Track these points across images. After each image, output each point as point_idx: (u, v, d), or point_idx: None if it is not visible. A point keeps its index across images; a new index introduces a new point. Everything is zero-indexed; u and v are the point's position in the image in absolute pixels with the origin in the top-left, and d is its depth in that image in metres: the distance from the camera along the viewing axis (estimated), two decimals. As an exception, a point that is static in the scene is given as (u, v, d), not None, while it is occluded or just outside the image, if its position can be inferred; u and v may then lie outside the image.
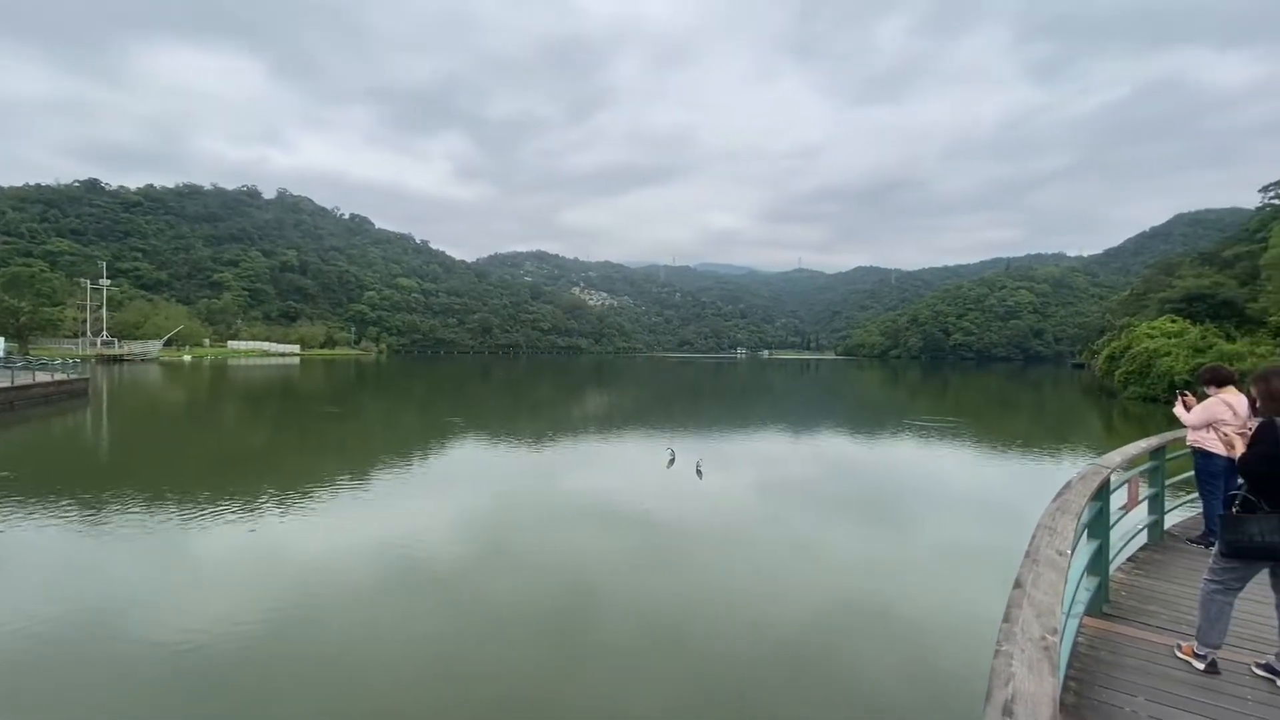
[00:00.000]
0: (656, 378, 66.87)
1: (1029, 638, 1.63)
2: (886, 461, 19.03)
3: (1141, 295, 66.98)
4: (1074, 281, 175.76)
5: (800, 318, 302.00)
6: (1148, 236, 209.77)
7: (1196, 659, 3.35)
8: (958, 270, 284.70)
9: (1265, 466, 3.09)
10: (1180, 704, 3.03)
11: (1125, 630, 3.82)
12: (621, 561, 9.00)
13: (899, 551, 9.94)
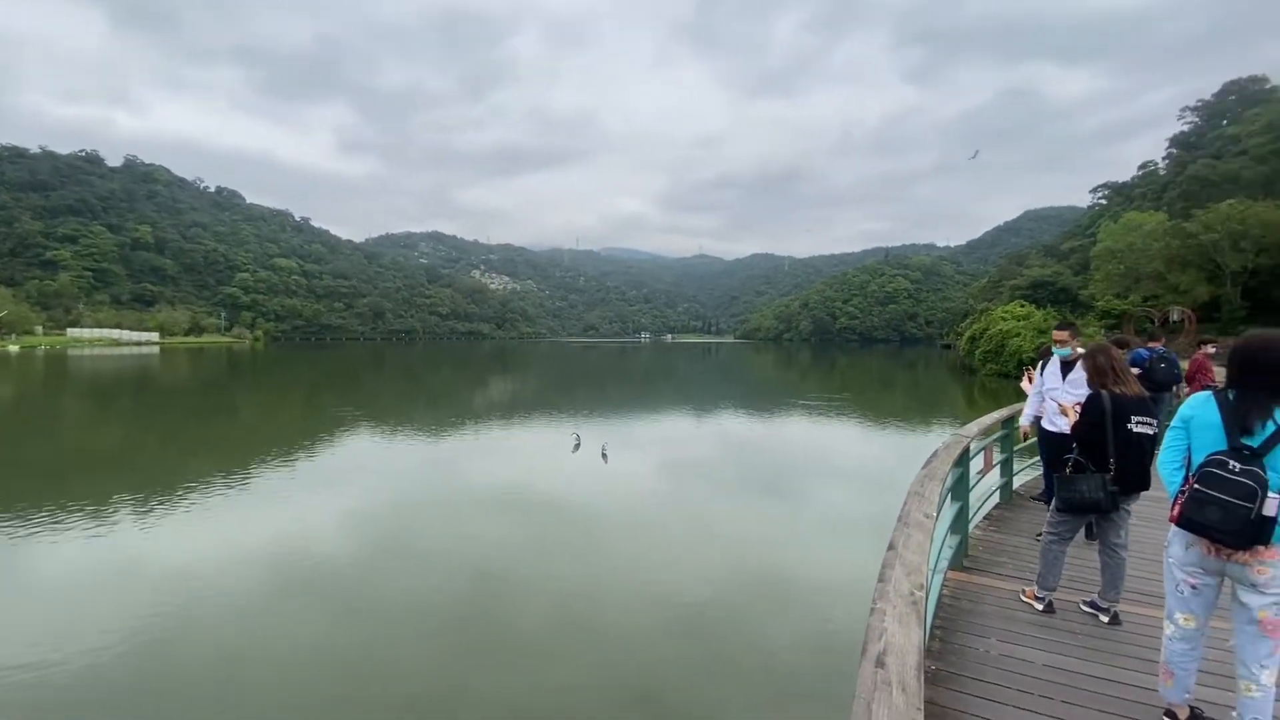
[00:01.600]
0: (561, 363, 66.36)
1: (900, 594, 1.78)
2: (781, 438, 20.10)
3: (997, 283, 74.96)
4: (943, 270, 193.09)
5: (701, 303, 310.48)
6: (1002, 230, 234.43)
7: (1037, 601, 3.83)
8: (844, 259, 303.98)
9: (1092, 433, 3.56)
10: (1024, 641, 3.46)
11: (981, 580, 4.30)
12: (528, 549, 8.91)
13: (794, 522, 10.57)
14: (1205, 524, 2.40)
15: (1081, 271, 63.27)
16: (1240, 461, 2.35)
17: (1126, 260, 51.99)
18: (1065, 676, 3.10)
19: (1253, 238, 44.29)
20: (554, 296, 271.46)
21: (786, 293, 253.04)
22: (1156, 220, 53.80)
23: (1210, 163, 64.28)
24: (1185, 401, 2.68)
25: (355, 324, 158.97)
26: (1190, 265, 46.63)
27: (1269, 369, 2.39)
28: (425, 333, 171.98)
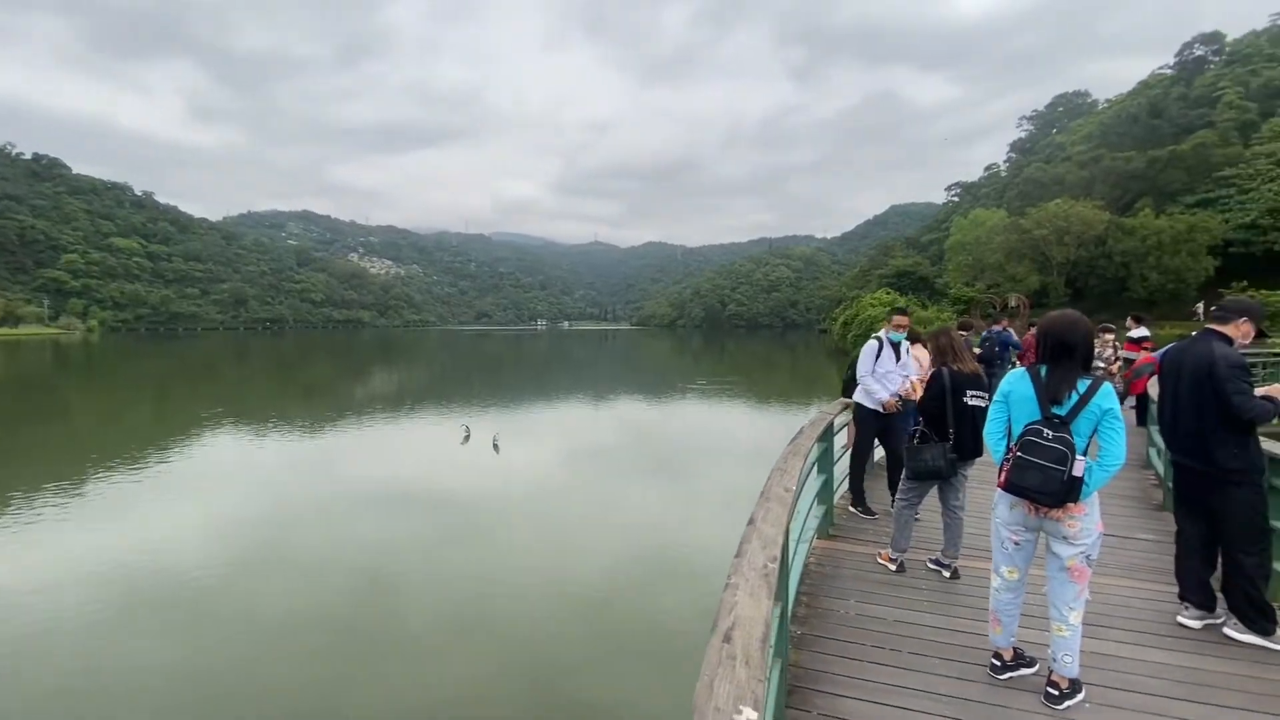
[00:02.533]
0: (452, 352, 63.80)
1: (754, 568, 1.83)
2: (676, 421, 20.61)
3: (867, 272, 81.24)
4: (820, 260, 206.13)
5: (598, 290, 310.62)
6: (872, 224, 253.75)
7: (891, 562, 4.17)
8: (732, 248, 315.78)
9: (935, 406, 3.92)
10: (879, 599, 3.75)
11: (844, 546, 4.62)
12: (416, 548, 8.51)
13: (688, 502, 10.87)
14: (1027, 487, 2.65)
15: (938, 262, 70.15)
16: (1052, 429, 2.62)
17: (974, 252, 58.22)
18: (913, 629, 3.39)
19: (1074, 233, 51.14)
20: (442, 282, 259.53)
21: (679, 280, 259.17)
22: (998, 217, 60.61)
23: (1042, 166, 73.37)
24: (1005, 377, 2.96)
25: (213, 312, 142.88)
26: (1025, 257, 53.06)
27: (1068, 345, 2.70)
28: (296, 321, 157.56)
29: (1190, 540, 3.46)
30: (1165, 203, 54.68)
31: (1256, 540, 3.24)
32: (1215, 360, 3.21)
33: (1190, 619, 3.42)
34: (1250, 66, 65.53)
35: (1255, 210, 49.84)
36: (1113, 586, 3.94)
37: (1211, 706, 2.74)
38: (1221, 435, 3.22)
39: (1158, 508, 5.65)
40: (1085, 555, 2.71)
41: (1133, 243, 48.91)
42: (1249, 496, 3.24)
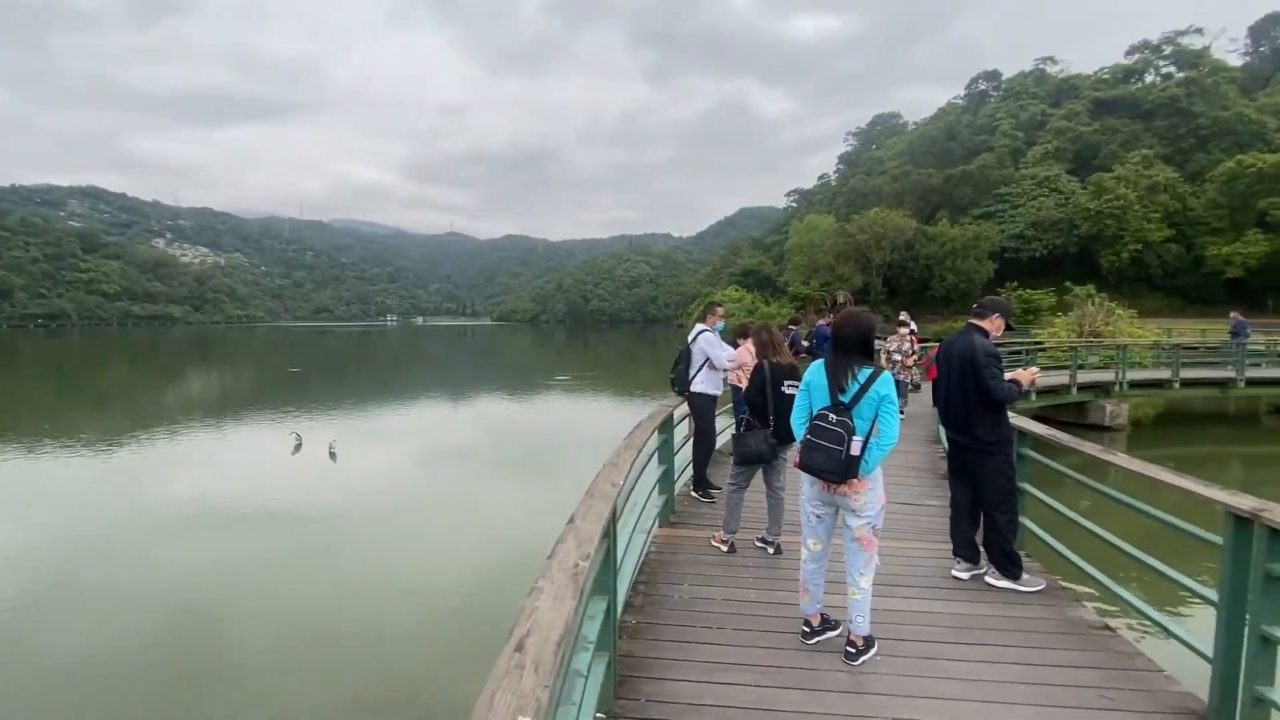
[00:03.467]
0: (282, 351, 57.55)
1: (563, 569, 1.81)
2: (539, 418, 20.32)
3: (718, 270, 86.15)
4: (677, 258, 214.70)
5: (455, 283, 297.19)
6: (723, 224, 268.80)
7: (723, 544, 4.42)
8: (594, 244, 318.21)
9: (757, 396, 4.19)
10: (711, 580, 3.95)
11: (684, 533, 4.81)
12: (243, 570, 7.57)
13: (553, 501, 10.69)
14: (814, 466, 2.93)
15: (780, 262, 76.07)
16: (836, 414, 2.91)
17: (809, 254, 63.94)
18: (739, 606, 3.61)
19: (890, 238, 58.00)
20: (273, 273, 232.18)
21: (541, 275, 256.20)
22: (829, 222, 67.08)
23: (864, 178, 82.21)
24: (808, 369, 3.24)
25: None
26: (850, 259, 59.26)
27: (850, 339, 3.05)
28: (83, 317, 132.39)
29: (960, 504, 4.05)
30: (958, 214, 63.94)
31: (1007, 500, 3.86)
32: (975, 350, 3.78)
33: (961, 571, 4.01)
34: (1020, 102, 78.58)
35: (1023, 222, 59.99)
36: (906, 549, 4.51)
37: (974, 646, 3.22)
38: (980, 413, 3.80)
39: (943, 477, 6.56)
40: (871, 525, 3.02)
41: (934, 248, 56.62)
42: (1001, 464, 3.85)
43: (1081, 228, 56.78)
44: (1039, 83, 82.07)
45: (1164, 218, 55.33)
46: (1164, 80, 72.92)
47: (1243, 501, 2.49)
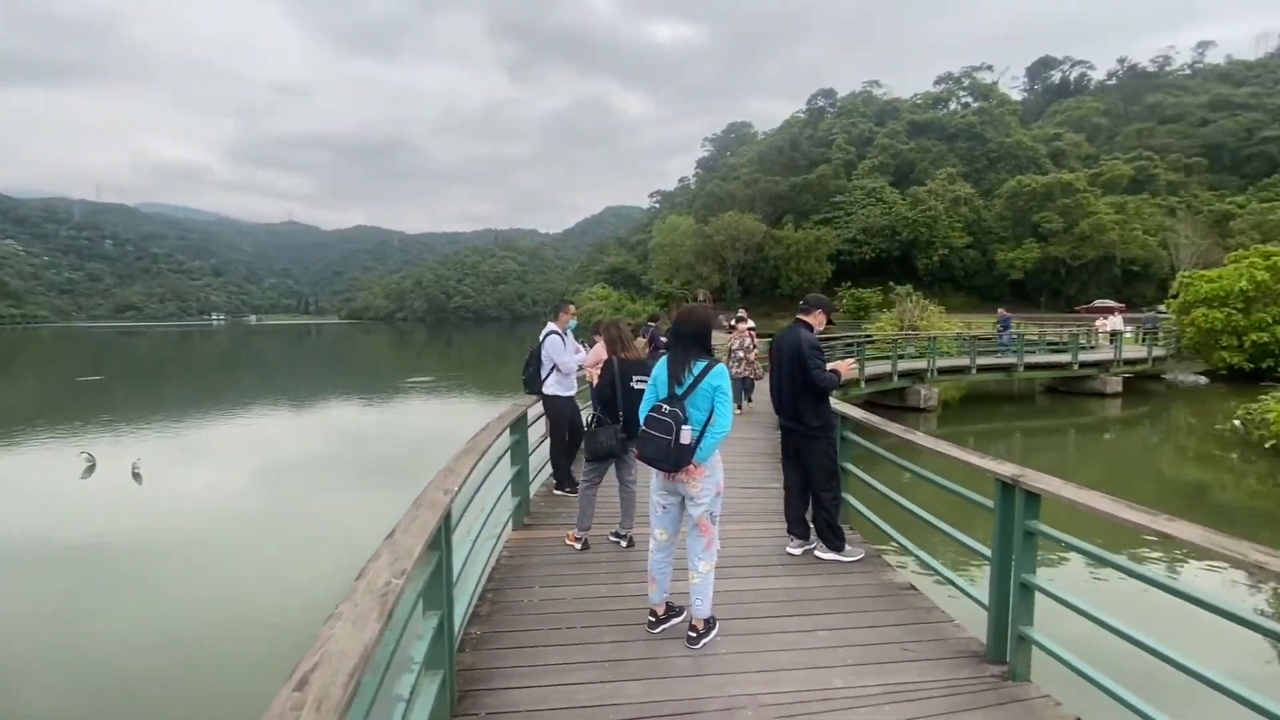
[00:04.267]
0: (73, 357, 48.75)
1: (371, 590, 1.66)
2: (396, 423, 19.01)
3: (587, 268, 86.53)
4: (545, 254, 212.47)
5: (295, 278, 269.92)
6: (590, 222, 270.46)
7: (576, 542, 4.39)
8: (455, 237, 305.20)
9: (607, 392, 4.21)
10: (563, 580, 3.90)
11: (539, 535, 4.72)
12: (19, 618, 6.23)
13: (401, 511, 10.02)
14: (647, 456, 3.03)
15: (645, 261, 78.11)
16: (669, 404, 3.02)
17: (671, 253, 66.33)
18: (590, 603, 3.60)
19: (743, 240, 61.75)
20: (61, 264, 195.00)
21: (397, 270, 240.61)
22: (689, 224, 70.00)
23: (720, 183, 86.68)
24: (656, 363, 3.30)
25: None
26: (709, 259, 62.33)
27: (689, 334, 3.18)
28: None
29: (792, 485, 4.36)
30: (801, 219, 69.65)
31: (831, 479, 4.23)
32: (801, 343, 4.09)
33: (794, 548, 4.33)
34: (851, 119, 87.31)
35: (855, 228, 66.69)
36: (748, 530, 4.78)
37: (802, 616, 3.47)
38: (807, 401, 4.12)
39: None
40: (709, 512, 3.14)
41: (781, 250, 61.27)
42: (825, 447, 4.21)
43: (902, 234, 64.42)
44: (867, 103, 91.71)
45: (965, 227, 64.42)
46: (963, 108, 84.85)
47: (1006, 469, 2.92)
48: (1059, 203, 59.92)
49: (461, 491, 3.04)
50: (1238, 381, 18.92)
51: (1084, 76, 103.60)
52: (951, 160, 74.24)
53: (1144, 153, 72.42)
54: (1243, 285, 19.66)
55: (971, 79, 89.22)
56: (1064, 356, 19.58)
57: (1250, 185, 66.65)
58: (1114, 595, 5.98)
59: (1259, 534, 8.00)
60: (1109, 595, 6.04)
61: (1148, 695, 2.38)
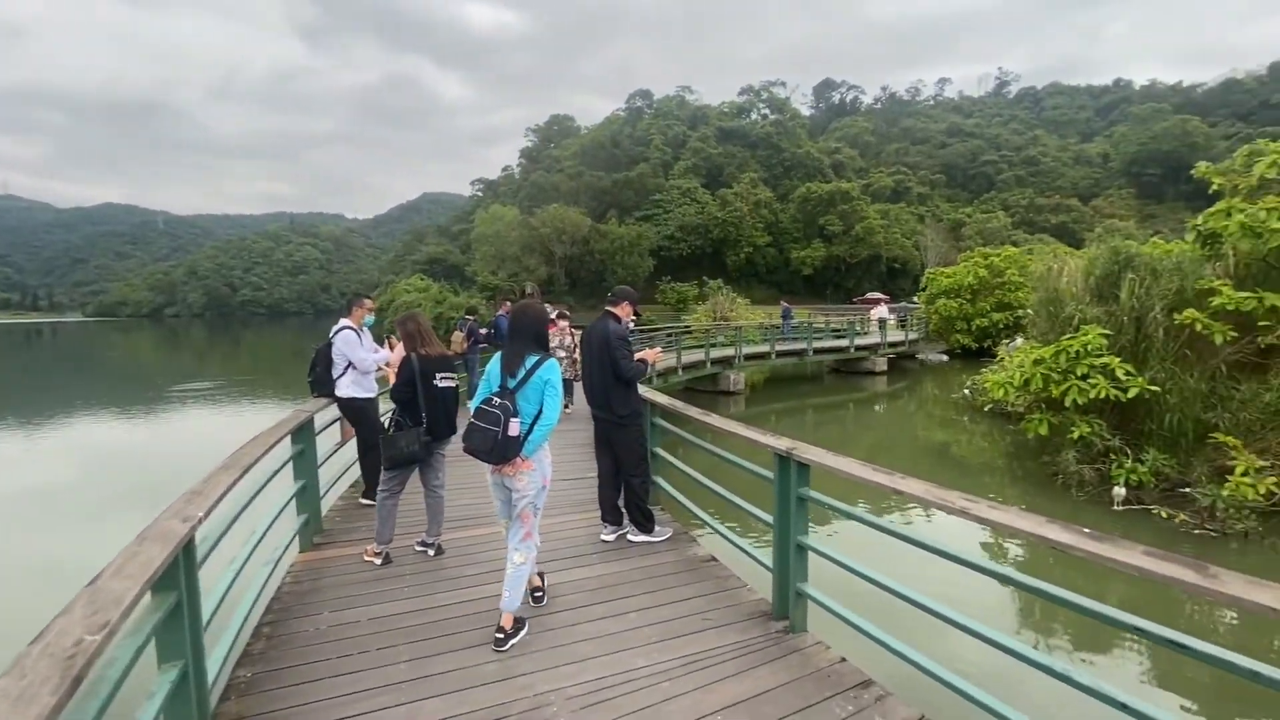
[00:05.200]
0: None
1: (51, 653, 1.32)
2: (167, 437, 15.97)
3: (402, 257, 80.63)
4: (352, 241, 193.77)
5: (17, 266, 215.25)
6: (406, 208, 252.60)
7: (376, 557, 4.03)
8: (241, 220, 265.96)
9: (406, 392, 3.91)
10: (359, 600, 3.55)
11: (332, 554, 4.25)
12: None
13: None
14: (473, 448, 3.00)
15: (467, 251, 74.93)
16: (501, 397, 3.04)
17: (495, 244, 64.45)
18: (390, 620, 3.32)
19: (569, 233, 61.97)
20: None
21: (165, 257, 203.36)
22: (513, 214, 68.50)
23: (544, 174, 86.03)
24: (493, 357, 3.31)
25: None
26: (535, 251, 61.63)
27: (525, 328, 3.26)
28: None
29: (604, 473, 4.45)
30: (625, 215, 71.86)
31: (640, 464, 4.38)
32: (609, 334, 4.16)
33: (608, 535, 4.42)
34: (667, 121, 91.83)
35: (673, 226, 70.44)
36: (564, 524, 4.77)
37: (611, 601, 3.54)
38: (616, 390, 4.21)
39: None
40: (532, 504, 3.19)
41: (606, 244, 62.65)
42: (635, 434, 4.34)
43: (714, 232, 69.51)
44: (680, 107, 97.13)
45: (765, 228, 71.36)
46: (763, 119, 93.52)
47: (782, 443, 3.23)
48: (839, 208, 69.08)
49: (220, 514, 2.62)
50: (969, 358, 23.36)
51: (857, 99, 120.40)
52: (754, 166, 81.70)
53: (901, 168, 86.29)
54: (969, 280, 24.29)
55: (769, 93, 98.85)
56: (844, 341, 22.62)
57: (975, 199, 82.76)
58: (875, 549, 6.88)
59: (981, 479, 9.94)
60: (873, 549, 6.88)
61: (896, 630, 2.80)
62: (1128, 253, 9.71)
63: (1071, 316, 9.48)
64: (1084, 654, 4.97)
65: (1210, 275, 8.87)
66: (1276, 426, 7.46)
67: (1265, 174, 9.21)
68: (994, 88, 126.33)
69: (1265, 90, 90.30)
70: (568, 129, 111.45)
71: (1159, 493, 7.71)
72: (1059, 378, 8.56)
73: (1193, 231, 9.85)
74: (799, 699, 2.66)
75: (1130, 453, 8.16)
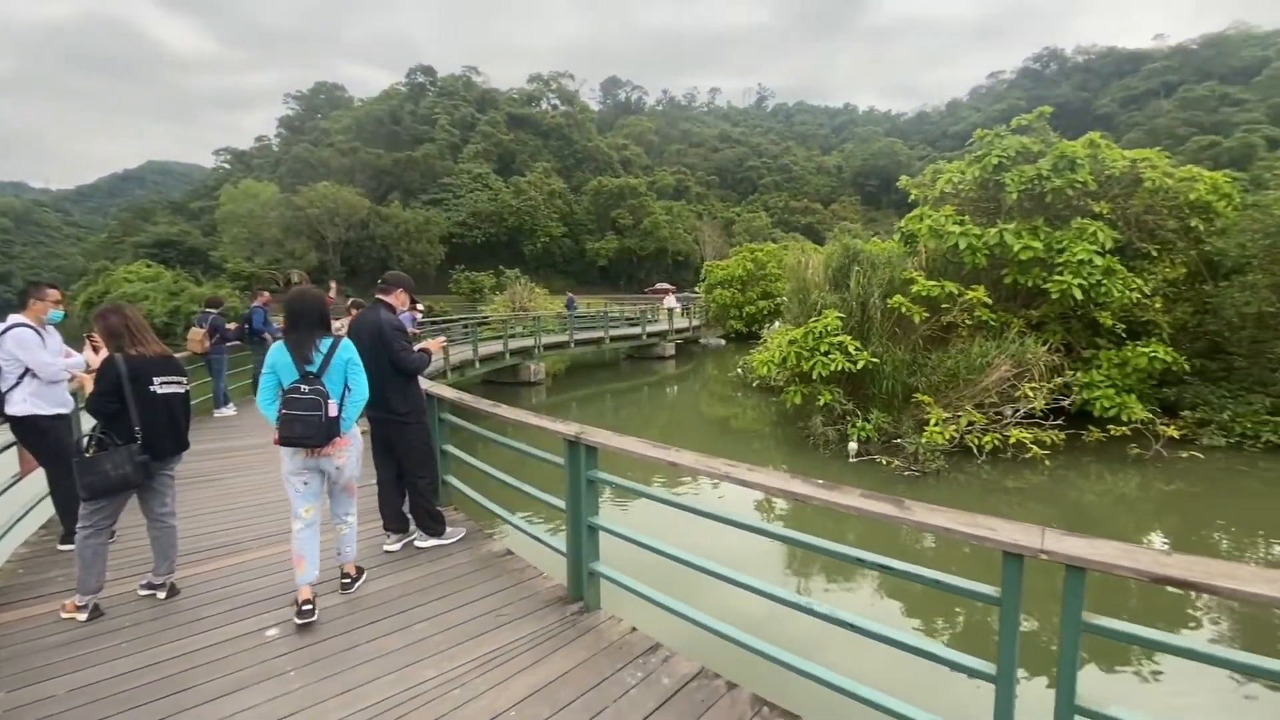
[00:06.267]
0: None
1: None
2: None
3: (119, 239, 65.19)
4: (43, 218, 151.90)
5: None
6: (124, 179, 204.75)
7: (80, 611, 3.21)
8: None
9: (110, 403, 3.14)
10: (51, 672, 2.79)
11: (13, 616, 3.28)
12: None
13: None
14: (296, 437, 3.07)
15: (212, 233, 63.35)
16: (308, 384, 3.10)
17: (249, 225, 55.54)
18: (105, 686, 2.67)
19: (343, 215, 55.80)
20: None
21: None
22: (271, 191, 59.62)
23: (310, 148, 76.15)
24: (269, 350, 3.21)
25: None
26: (302, 234, 54.40)
27: (308, 314, 3.24)
28: None
29: (386, 479, 4.09)
30: (410, 198, 66.99)
31: (427, 464, 4.10)
32: (382, 324, 3.80)
33: (392, 544, 4.07)
34: (453, 101, 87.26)
35: (465, 212, 67.56)
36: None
37: (400, 614, 3.27)
38: (394, 386, 3.87)
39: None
40: (353, 475, 3.49)
41: (389, 229, 57.81)
42: (418, 432, 4.04)
43: (509, 221, 68.18)
44: (467, 88, 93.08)
45: (560, 218, 72.00)
46: (554, 109, 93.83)
47: (570, 429, 3.26)
48: (629, 203, 72.35)
49: None
50: (742, 341, 26.17)
51: (641, 99, 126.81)
52: (546, 156, 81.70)
53: (682, 168, 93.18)
54: (740, 273, 27.20)
55: (559, 84, 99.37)
56: (637, 329, 23.86)
57: (743, 199, 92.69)
58: (664, 520, 7.27)
59: (752, 445, 11.23)
60: (662, 521, 7.26)
61: (680, 593, 3.00)
62: (855, 249, 11.67)
63: (816, 303, 11.13)
64: (831, 587, 5.91)
65: (910, 268, 11.08)
66: (955, 386, 9.60)
67: (944, 188, 11.75)
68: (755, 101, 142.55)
69: (945, 122, 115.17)
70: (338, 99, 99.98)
71: (881, 445, 9.44)
72: (808, 355, 9.99)
73: (898, 233, 12.20)
74: (593, 675, 2.72)
75: (860, 414, 9.86)
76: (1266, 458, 8.91)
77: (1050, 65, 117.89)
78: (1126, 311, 10.01)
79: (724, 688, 2.63)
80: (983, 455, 8.93)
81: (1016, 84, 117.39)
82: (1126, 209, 10.76)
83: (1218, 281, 10.66)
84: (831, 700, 2.38)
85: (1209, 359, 10.39)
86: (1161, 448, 9.03)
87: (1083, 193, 10.36)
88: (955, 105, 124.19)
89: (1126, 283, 9.65)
